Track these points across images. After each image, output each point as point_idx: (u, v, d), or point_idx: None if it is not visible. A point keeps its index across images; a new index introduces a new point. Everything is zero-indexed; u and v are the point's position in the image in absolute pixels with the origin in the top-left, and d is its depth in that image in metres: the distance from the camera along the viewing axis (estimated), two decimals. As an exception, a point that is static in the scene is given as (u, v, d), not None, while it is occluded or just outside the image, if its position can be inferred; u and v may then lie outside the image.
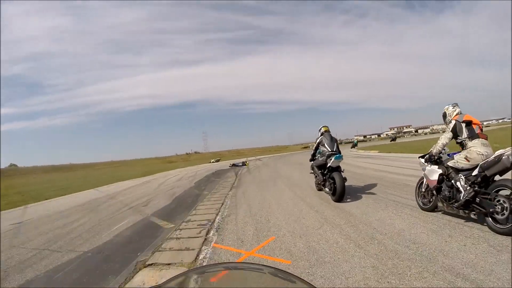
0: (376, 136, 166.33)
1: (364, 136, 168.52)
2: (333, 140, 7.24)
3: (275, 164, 24.50)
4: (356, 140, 60.66)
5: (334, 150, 6.97)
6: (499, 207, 3.61)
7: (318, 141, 7.49)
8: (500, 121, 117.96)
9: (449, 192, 4.40)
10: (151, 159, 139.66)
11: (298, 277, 1.10)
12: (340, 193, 6.26)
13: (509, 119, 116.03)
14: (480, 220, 4.02)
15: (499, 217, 3.61)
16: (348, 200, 6.51)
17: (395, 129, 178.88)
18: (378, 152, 25.98)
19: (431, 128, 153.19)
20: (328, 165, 6.72)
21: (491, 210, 3.70)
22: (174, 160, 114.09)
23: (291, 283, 1.10)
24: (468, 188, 4.02)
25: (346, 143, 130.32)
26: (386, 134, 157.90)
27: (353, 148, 42.18)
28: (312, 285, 1.02)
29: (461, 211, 4.18)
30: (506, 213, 3.52)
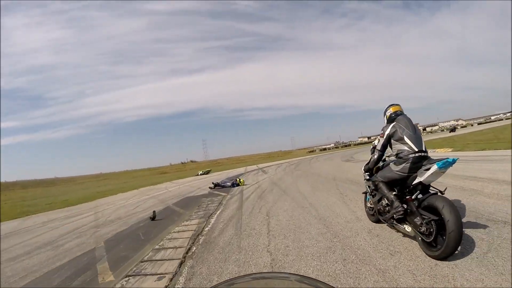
0: None
1: (368, 138, 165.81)
2: (416, 130, 3.82)
3: (297, 185, 11.78)
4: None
5: (423, 149, 3.67)
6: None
7: (387, 133, 3.94)
8: (508, 114, 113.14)
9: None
10: (142, 170, 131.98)
11: (325, 283, 1.12)
12: (456, 241, 2.99)
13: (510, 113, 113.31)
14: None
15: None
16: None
17: None
18: (452, 150, 17.80)
19: (439, 125, 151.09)
20: (414, 182, 3.63)
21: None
22: (167, 171, 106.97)
23: None
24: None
25: (355, 144, 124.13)
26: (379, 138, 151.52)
27: None
28: None
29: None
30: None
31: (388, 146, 4.05)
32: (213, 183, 15.81)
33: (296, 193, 9.44)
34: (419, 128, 4.85)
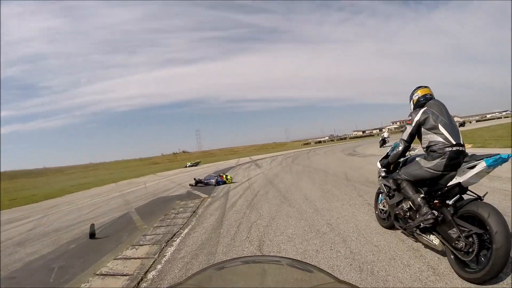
0: (378, 130, 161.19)
1: (363, 132, 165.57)
2: (451, 118, 3.15)
3: (300, 187, 8.82)
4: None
5: (461, 142, 3.00)
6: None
7: (417, 119, 3.21)
8: (504, 113, 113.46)
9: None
10: (134, 160, 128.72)
11: (316, 266, 1.16)
12: (504, 259, 2.38)
13: (509, 111, 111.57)
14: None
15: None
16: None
17: (398, 123, 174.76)
18: (471, 146, 15.26)
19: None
20: (450, 182, 2.96)
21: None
22: (159, 161, 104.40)
23: (309, 272, 1.11)
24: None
25: (350, 138, 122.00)
26: (389, 129, 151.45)
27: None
28: (331, 274, 1.06)
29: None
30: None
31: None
32: (194, 179, 12.90)
33: (302, 201, 6.62)
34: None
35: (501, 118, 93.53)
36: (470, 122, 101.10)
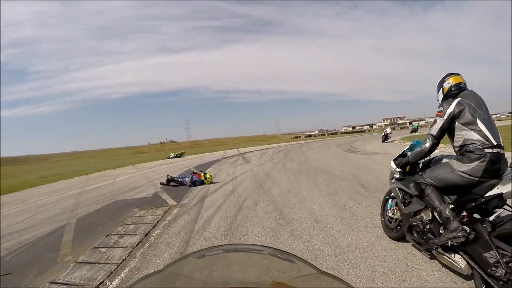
0: (369, 127, 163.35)
1: (353, 127, 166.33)
2: (489, 113, 2.65)
3: (302, 194, 6.58)
4: (417, 125, 47.74)
5: (501, 143, 2.51)
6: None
7: (450, 111, 2.68)
8: (494, 116, 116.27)
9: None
10: (120, 149, 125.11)
11: (297, 256, 1.12)
12: None
13: (502, 114, 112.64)
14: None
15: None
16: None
17: (389, 120, 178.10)
18: None
19: (426, 120, 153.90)
20: (489, 193, 2.44)
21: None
22: (145, 151, 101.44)
23: (290, 262, 1.11)
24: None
25: (341, 133, 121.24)
26: (379, 126, 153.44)
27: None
28: (313, 264, 1.04)
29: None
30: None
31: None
32: (168, 176, 10.44)
33: (310, 226, 4.30)
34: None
35: (495, 120, 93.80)
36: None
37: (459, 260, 2.46)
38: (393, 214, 3.60)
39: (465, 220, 2.49)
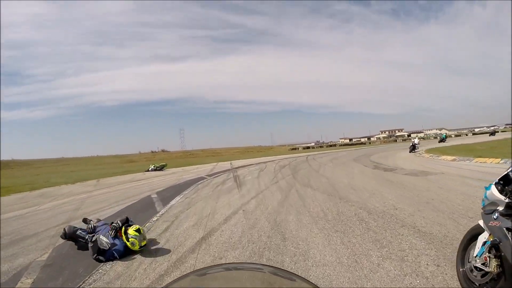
0: (366, 139, 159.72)
1: (350, 140, 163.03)
2: None
3: None
4: (445, 134, 46.61)
5: None
6: None
7: None
8: (492, 128, 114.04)
9: None
10: (109, 157, 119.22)
11: (298, 275, 1.14)
12: None
13: (500, 126, 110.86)
14: None
15: None
16: None
17: (387, 132, 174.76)
18: None
19: (425, 133, 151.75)
20: None
21: None
22: (135, 160, 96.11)
23: (291, 281, 1.13)
24: None
25: (340, 145, 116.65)
26: (378, 138, 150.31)
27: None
28: (313, 284, 1.06)
29: None
30: None
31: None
32: (64, 230, 4.90)
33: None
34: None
35: (498, 132, 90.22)
36: (467, 135, 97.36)
37: None
38: (484, 264, 2.39)
39: None
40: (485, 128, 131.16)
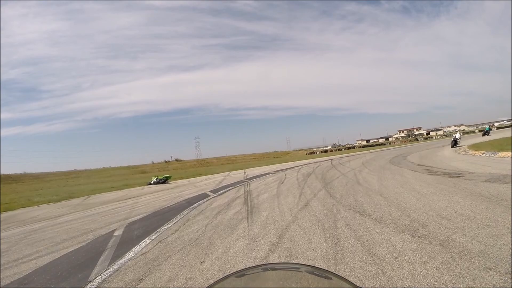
0: (384, 139, 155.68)
1: (367, 141, 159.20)
2: None
3: None
4: (488, 127, 43.82)
5: None
6: None
7: None
8: (486, 126, 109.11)
9: None
10: (121, 168, 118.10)
11: (335, 273, 1.14)
12: None
13: None
14: None
15: None
16: None
17: (405, 131, 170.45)
18: None
19: (444, 130, 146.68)
20: None
21: None
22: (148, 170, 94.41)
23: (327, 280, 1.12)
24: None
25: (359, 147, 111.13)
26: (396, 138, 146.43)
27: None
28: (349, 281, 1.07)
29: None
30: None
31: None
32: None
33: None
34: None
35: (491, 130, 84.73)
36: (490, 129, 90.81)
37: None
38: None
39: None
40: (504, 121, 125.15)
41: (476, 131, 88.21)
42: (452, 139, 25.18)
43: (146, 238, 5.93)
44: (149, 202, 12.52)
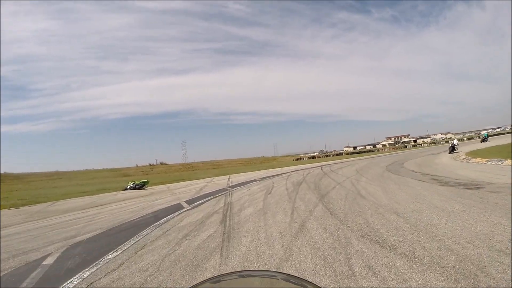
0: (372, 146, 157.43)
1: (354, 148, 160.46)
2: None
3: None
4: (486, 133, 42.28)
5: None
6: None
7: None
8: (498, 129, 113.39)
9: None
10: (104, 170, 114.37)
11: (310, 282, 1.13)
12: None
13: (506, 127, 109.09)
14: None
15: None
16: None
17: (393, 138, 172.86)
18: None
19: (431, 138, 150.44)
20: None
21: None
22: (131, 173, 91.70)
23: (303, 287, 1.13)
24: None
25: (347, 154, 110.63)
26: (383, 145, 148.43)
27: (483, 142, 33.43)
28: None
29: None
30: None
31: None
32: None
33: None
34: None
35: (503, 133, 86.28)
36: (473, 138, 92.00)
37: None
38: None
39: None
40: (491, 130, 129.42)
41: (465, 139, 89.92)
42: (450, 145, 25.94)
43: (76, 276, 4.13)
44: (113, 213, 10.60)
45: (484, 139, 36.86)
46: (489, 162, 14.25)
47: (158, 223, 7.50)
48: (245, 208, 8.19)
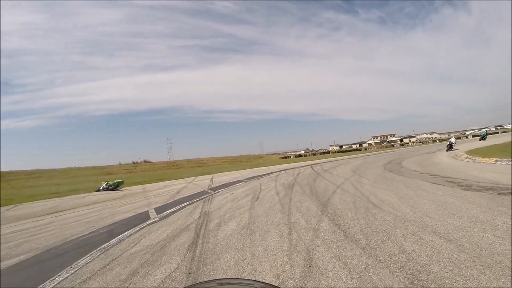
0: (358, 145, 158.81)
1: (340, 146, 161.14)
2: None
3: None
4: (485, 131, 43.05)
5: None
6: None
7: None
8: (483, 130, 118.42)
9: None
10: (87, 168, 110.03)
11: None
12: None
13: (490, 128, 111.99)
14: None
15: None
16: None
17: (379, 138, 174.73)
18: None
19: (418, 137, 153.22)
20: None
21: None
22: (114, 172, 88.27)
23: None
24: None
25: (334, 152, 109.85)
26: (370, 144, 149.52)
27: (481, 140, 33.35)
28: None
29: None
30: None
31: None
32: None
33: None
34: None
35: (498, 133, 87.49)
36: (467, 137, 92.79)
37: None
38: None
39: None
40: (476, 130, 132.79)
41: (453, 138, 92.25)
42: (448, 143, 27.32)
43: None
44: (64, 224, 8.55)
45: (483, 138, 37.32)
46: (499, 162, 12.94)
47: (107, 244, 5.55)
48: (225, 222, 6.31)
